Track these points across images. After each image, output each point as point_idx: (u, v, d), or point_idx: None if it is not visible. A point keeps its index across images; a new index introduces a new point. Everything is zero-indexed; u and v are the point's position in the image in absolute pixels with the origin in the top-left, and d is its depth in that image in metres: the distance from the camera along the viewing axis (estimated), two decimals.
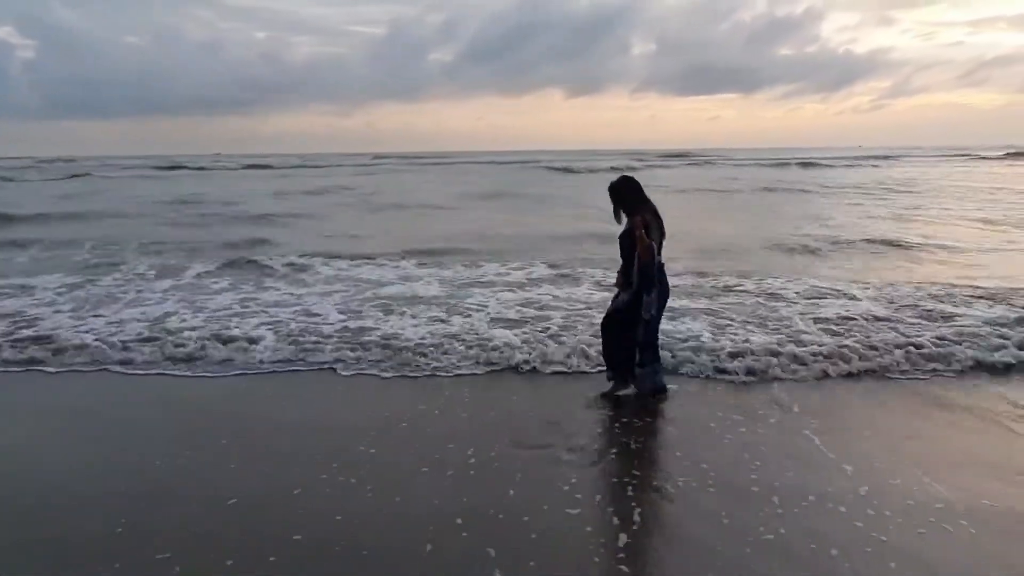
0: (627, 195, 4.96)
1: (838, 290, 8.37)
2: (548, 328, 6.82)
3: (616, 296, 5.19)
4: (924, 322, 6.87)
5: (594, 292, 8.43)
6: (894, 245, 12.41)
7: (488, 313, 7.52)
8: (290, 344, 6.46)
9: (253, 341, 6.53)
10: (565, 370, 5.79)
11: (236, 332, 6.83)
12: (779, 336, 6.40)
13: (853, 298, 7.97)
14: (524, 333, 6.60)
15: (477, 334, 6.63)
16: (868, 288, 8.48)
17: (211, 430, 4.67)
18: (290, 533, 3.34)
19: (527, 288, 8.90)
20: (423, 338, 6.53)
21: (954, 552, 3.15)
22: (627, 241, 4.91)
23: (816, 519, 3.43)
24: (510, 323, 7.07)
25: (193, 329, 6.92)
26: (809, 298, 8.00)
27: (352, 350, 6.28)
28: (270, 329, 6.94)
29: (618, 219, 4.99)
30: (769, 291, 8.41)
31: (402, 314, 7.52)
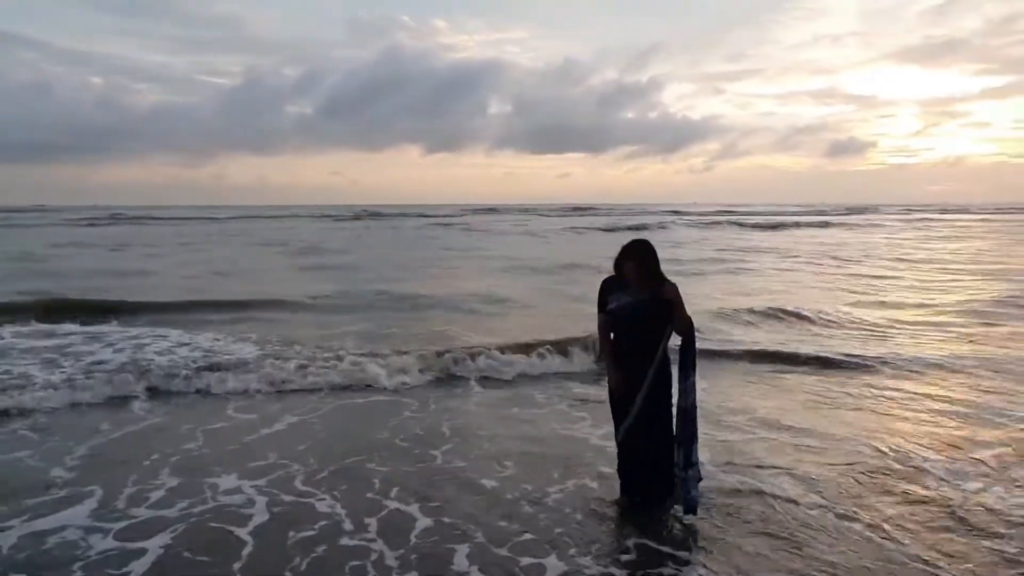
0: (657, 261, 4.07)
1: None
2: None
3: (620, 398, 4.14)
4: None
5: None
6: None
7: None
8: None
9: None
10: None
11: None
12: None
13: None
14: None
15: None
16: None
17: None
18: None
19: None
20: None
21: None
22: (656, 312, 4.00)
23: None
24: None
25: None
26: None
27: None
28: None
29: (640, 281, 4.02)
30: None
31: None
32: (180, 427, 5.87)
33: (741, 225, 46.73)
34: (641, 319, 4.00)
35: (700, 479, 4.08)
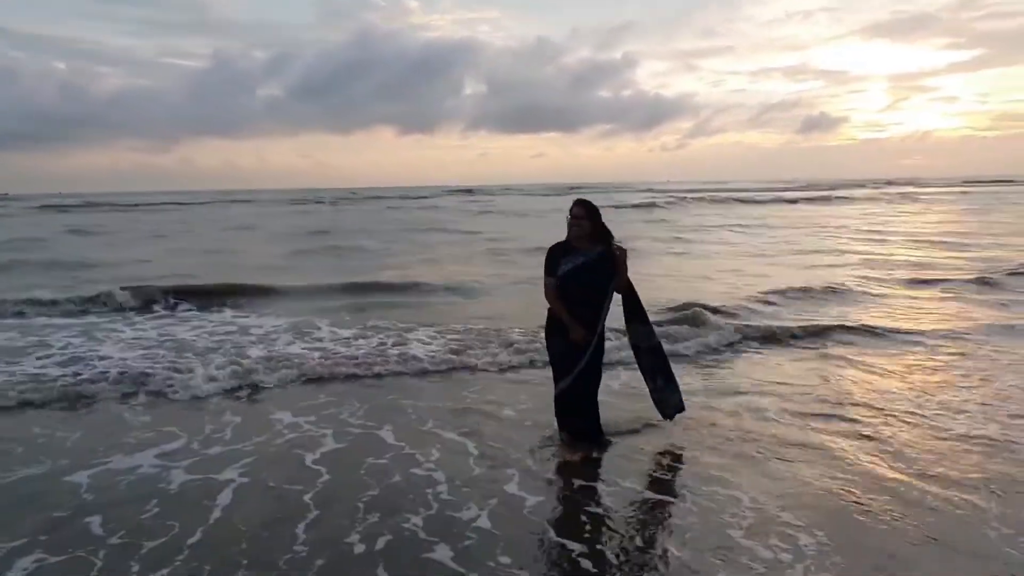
0: (600, 217, 4.43)
1: None
2: None
3: (570, 351, 4.45)
4: None
5: None
6: None
7: None
8: None
9: None
10: None
11: None
12: None
13: None
14: None
15: None
16: None
17: None
18: None
19: None
20: None
21: None
22: (604, 269, 4.38)
23: None
24: None
25: None
26: None
27: None
28: None
29: (590, 237, 4.38)
30: None
31: None
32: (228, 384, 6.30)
33: (743, 201, 46.71)
34: (591, 278, 4.34)
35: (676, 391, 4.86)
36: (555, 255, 4.40)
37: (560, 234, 4.55)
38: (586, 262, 4.31)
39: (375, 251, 19.00)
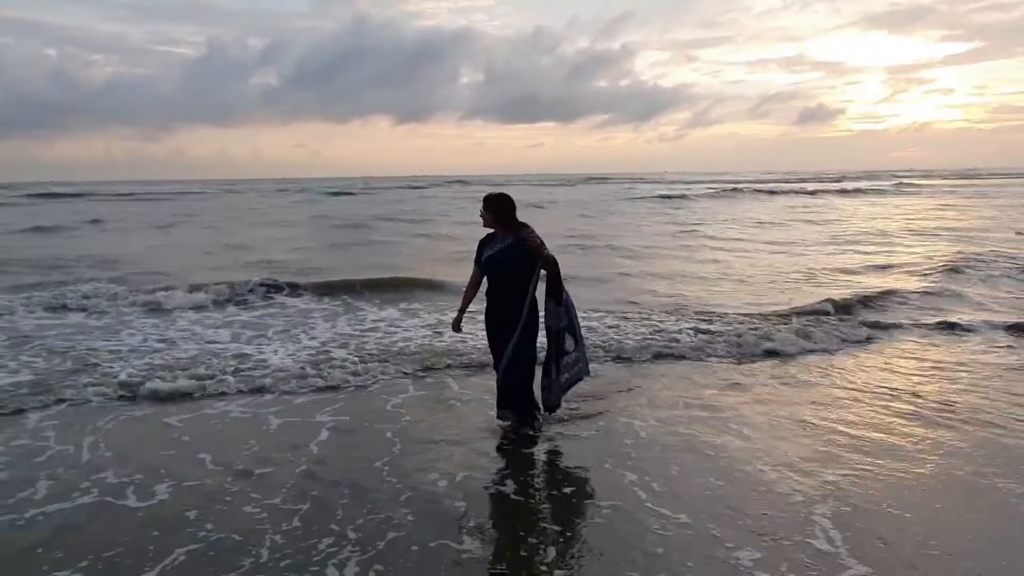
0: (512, 210, 4.72)
1: None
2: None
3: (497, 333, 4.72)
4: None
5: None
6: None
7: None
8: None
9: None
10: None
11: None
12: None
13: None
14: None
15: None
16: None
17: None
18: None
19: None
20: None
21: None
22: (521, 254, 4.58)
23: None
24: None
25: None
26: None
27: None
28: None
29: (503, 230, 4.66)
30: None
31: None
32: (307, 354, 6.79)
33: (764, 192, 46.19)
34: (506, 263, 4.60)
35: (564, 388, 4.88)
36: (482, 245, 4.79)
37: (557, 225, 4.99)
38: (503, 248, 4.63)
39: (398, 243, 18.58)
